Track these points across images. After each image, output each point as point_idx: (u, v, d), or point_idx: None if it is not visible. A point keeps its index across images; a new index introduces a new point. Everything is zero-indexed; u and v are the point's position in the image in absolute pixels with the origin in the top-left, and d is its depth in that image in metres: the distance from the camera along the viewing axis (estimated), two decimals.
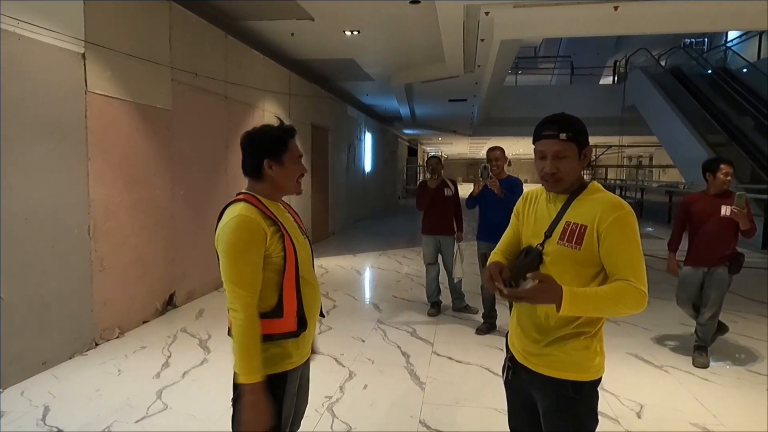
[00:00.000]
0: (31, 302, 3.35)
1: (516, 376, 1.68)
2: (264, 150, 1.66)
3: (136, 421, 2.82)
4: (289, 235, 1.65)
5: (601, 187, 1.59)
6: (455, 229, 4.89)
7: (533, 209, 1.69)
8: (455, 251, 4.83)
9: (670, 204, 13.99)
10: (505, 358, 1.74)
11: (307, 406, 1.87)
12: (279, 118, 1.80)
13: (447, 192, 4.83)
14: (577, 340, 1.53)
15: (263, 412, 1.53)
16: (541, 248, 1.57)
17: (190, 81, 5.13)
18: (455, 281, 4.90)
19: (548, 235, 1.57)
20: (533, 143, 1.61)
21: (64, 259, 3.62)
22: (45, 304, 3.46)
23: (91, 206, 3.85)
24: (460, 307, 4.97)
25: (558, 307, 1.38)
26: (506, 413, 3.02)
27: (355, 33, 6.55)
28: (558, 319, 1.52)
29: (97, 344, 3.94)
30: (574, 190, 1.58)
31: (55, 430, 2.72)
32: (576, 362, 1.53)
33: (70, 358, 3.67)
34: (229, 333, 1.66)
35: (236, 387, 1.66)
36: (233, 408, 1.65)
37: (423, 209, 4.92)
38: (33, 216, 3.35)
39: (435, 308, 4.96)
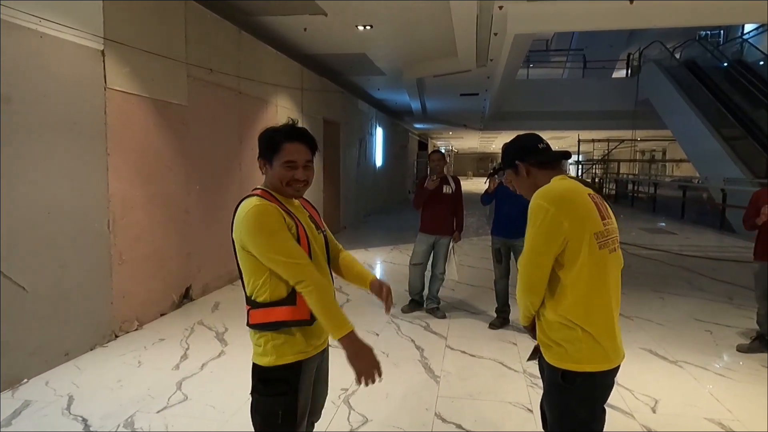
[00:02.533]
0: (53, 294, 3.43)
1: (541, 359, 1.81)
2: (260, 148, 1.73)
3: (158, 411, 2.89)
4: (302, 225, 1.69)
5: (555, 181, 1.70)
6: (453, 229, 4.69)
7: None
8: (449, 252, 4.70)
9: (683, 199, 13.86)
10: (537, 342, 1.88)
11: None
12: (292, 119, 1.79)
13: (446, 189, 4.60)
14: (565, 331, 1.62)
15: (369, 356, 1.62)
16: None
17: (204, 76, 5.18)
18: (438, 286, 4.77)
19: None
20: None
21: (85, 253, 3.70)
22: (66, 296, 3.54)
23: (111, 201, 3.92)
24: (430, 308, 4.79)
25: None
26: (521, 407, 3.07)
27: (368, 28, 6.55)
28: (545, 308, 1.68)
29: (116, 336, 4.02)
30: None
31: (80, 419, 2.80)
32: (567, 351, 1.62)
33: (92, 350, 3.76)
34: (248, 324, 1.69)
35: (253, 378, 1.70)
36: (252, 398, 1.70)
37: (419, 208, 4.69)
38: (55, 210, 3.42)
39: (412, 305, 4.82)
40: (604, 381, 1.64)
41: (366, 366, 1.61)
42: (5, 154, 3.05)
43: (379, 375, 1.63)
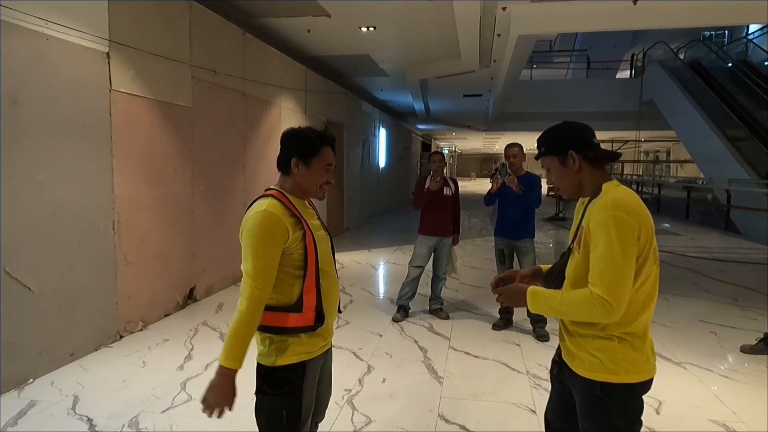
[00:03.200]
0: (59, 295, 3.46)
1: (560, 371, 1.73)
2: (294, 148, 1.73)
3: (162, 411, 2.91)
4: (311, 231, 1.69)
5: (613, 188, 1.55)
6: (453, 231, 4.69)
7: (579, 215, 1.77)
8: (450, 254, 4.71)
9: (688, 200, 13.81)
10: (555, 353, 1.81)
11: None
12: (325, 123, 1.85)
13: (446, 191, 4.58)
14: (600, 342, 1.55)
15: (226, 396, 1.61)
16: (569, 252, 1.67)
17: (209, 78, 5.20)
18: (441, 286, 4.79)
19: (573, 238, 1.66)
20: None
21: (90, 254, 3.72)
22: (72, 297, 3.57)
23: (116, 202, 3.95)
24: (433, 308, 4.81)
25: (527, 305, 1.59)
26: (525, 408, 3.07)
27: (371, 29, 6.57)
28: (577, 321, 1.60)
29: (121, 336, 4.04)
30: (593, 194, 1.60)
31: (85, 418, 2.82)
32: (602, 363, 1.54)
33: (96, 350, 3.78)
34: None
35: (257, 378, 1.72)
36: (256, 398, 1.71)
37: (419, 209, 4.66)
38: (61, 211, 3.44)
39: (402, 312, 4.70)
40: (644, 391, 1.58)
41: (217, 402, 1.60)
42: (12, 155, 3.08)
43: (220, 414, 1.62)
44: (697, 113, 11.75)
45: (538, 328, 4.25)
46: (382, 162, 14.51)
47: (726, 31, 16.29)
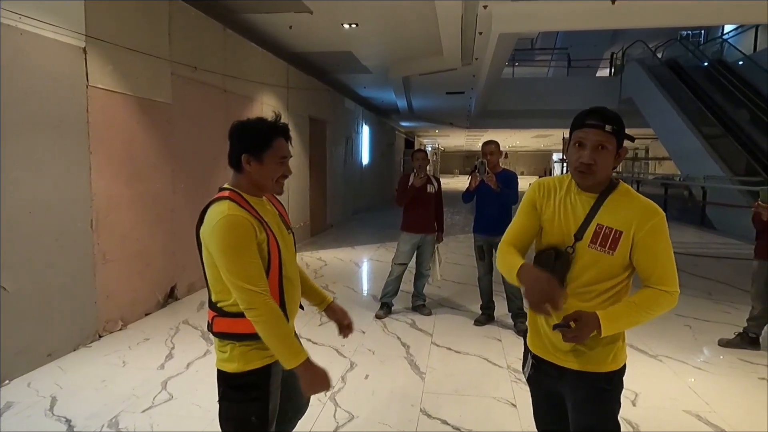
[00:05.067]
0: (35, 295, 3.40)
1: (539, 372, 1.69)
2: (244, 143, 1.61)
3: (143, 411, 2.88)
4: (273, 234, 1.63)
5: (630, 188, 1.59)
6: (436, 228, 4.71)
7: (559, 204, 1.60)
8: (434, 253, 4.73)
9: (665, 196, 14.08)
10: (526, 355, 1.75)
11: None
12: (276, 113, 1.70)
13: (430, 189, 4.61)
14: (600, 336, 1.53)
15: (322, 380, 1.62)
16: (572, 251, 1.54)
17: (189, 74, 5.14)
18: (424, 283, 4.82)
19: (578, 237, 1.54)
20: (571, 132, 1.55)
21: (68, 252, 3.66)
22: (49, 296, 3.51)
23: (94, 200, 3.89)
24: (416, 305, 4.85)
25: (599, 332, 1.47)
26: (505, 402, 3.11)
27: (354, 26, 6.56)
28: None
29: (100, 336, 3.99)
30: (604, 189, 1.55)
31: (64, 419, 2.78)
32: (604, 355, 1.58)
33: (75, 350, 3.72)
34: (212, 331, 1.67)
35: (220, 385, 1.69)
36: (221, 405, 1.69)
37: (402, 205, 4.68)
38: (37, 209, 3.38)
39: (385, 309, 4.73)
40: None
41: (316, 390, 1.62)
42: None
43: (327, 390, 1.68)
44: (674, 111, 11.99)
45: (519, 323, 4.31)
46: (365, 159, 14.49)
47: (702, 31, 16.62)
